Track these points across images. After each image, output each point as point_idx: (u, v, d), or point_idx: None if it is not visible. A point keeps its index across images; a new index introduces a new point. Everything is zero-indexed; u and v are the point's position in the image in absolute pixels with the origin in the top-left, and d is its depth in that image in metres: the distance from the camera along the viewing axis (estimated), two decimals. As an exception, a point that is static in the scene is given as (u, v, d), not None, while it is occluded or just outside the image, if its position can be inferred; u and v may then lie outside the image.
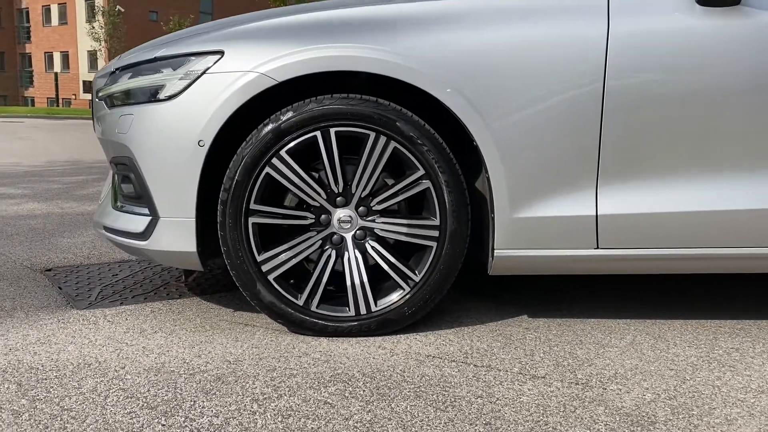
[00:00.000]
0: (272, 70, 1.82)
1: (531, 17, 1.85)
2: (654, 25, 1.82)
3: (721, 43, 1.81)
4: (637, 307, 2.23)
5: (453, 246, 1.91)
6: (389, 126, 1.85)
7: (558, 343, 1.92)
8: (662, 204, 1.87)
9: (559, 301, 2.30)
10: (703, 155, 1.85)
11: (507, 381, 1.65)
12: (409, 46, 1.82)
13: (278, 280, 1.94)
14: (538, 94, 1.83)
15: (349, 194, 1.92)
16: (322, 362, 1.77)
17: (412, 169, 1.88)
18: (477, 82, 1.82)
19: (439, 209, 1.90)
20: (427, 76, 1.81)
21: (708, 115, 1.83)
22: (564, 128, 1.84)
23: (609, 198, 1.87)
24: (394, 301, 1.94)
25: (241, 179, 1.87)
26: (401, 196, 1.91)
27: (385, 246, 1.95)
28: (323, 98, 1.85)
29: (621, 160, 1.85)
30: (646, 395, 1.58)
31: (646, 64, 1.82)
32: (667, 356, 1.82)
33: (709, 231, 1.89)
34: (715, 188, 1.85)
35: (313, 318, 1.95)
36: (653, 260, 1.93)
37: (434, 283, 1.93)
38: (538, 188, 1.86)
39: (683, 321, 2.10)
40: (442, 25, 1.84)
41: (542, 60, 1.82)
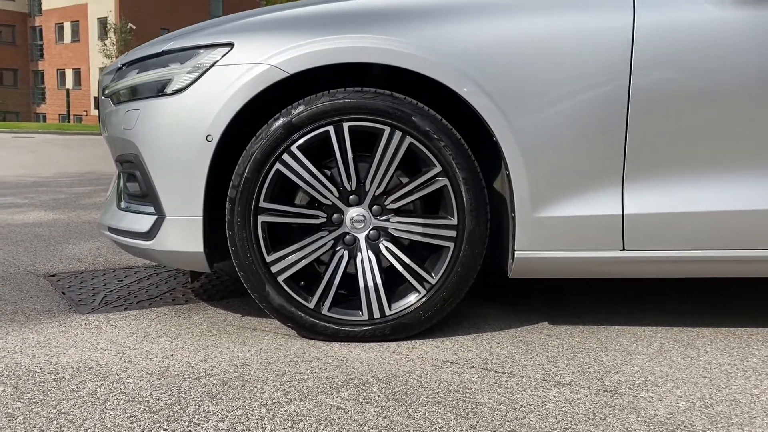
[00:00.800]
0: (283, 62, 1.76)
1: (553, 9, 1.78)
2: (682, 18, 1.74)
3: (754, 36, 1.73)
4: (661, 314, 2.13)
5: (471, 247, 1.82)
6: (405, 120, 1.77)
7: (582, 350, 1.82)
8: (692, 203, 1.77)
9: (579, 307, 2.20)
10: (735, 153, 1.76)
11: (531, 388, 1.56)
12: (425, 37, 1.75)
13: (288, 281, 1.86)
14: (562, 89, 1.75)
15: (362, 192, 1.85)
16: (334, 367, 1.68)
17: (429, 165, 1.80)
18: (497, 75, 1.74)
19: (456, 208, 1.81)
20: (445, 68, 1.74)
21: (739, 112, 1.74)
22: (588, 124, 1.75)
23: (636, 197, 1.78)
24: (409, 305, 1.85)
25: (251, 176, 1.80)
26: (417, 194, 1.83)
27: (400, 247, 1.87)
28: (336, 92, 1.78)
29: (648, 157, 1.76)
30: (680, 403, 1.48)
31: (673, 58, 1.74)
32: (699, 364, 1.72)
33: (740, 232, 1.79)
34: (750, 187, 1.76)
35: (324, 322, 1.86)
36: (682, 263, 1.84)
37: (451, 286, 1.84)
38: (560, 186, 1.78)
39: (713, 329, 2.00)
40: (460, 16, 1.78)
41: (565, 54, 1.74)
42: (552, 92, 1.75)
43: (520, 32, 1.76)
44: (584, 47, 1.74)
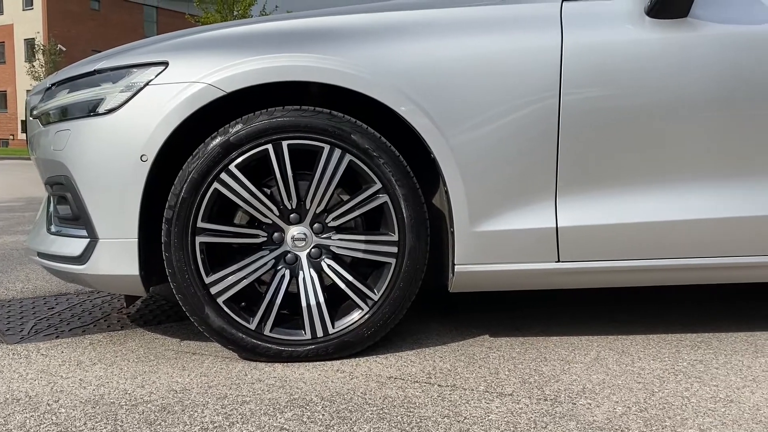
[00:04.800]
0: (220, 81, 1.74)
1: (486, 30, 1.83)
2: (606, 38, 1.82)
3: (670, 55, 1.82)
4: (597, 323, 2.19)
5: (413, 262, 1.84)
6: (344, 138, 1.78)
7: (522, 360, 1.85)
8: (621, 215, 1.85)
9: (519, 319, 2.25)
10: (659, 166, 1.84)
11: (474, 400, 1.57)
12: (363, 57, 1.77)
13: (228, 303, 1.83)
14: (496, 107, 1.80)
15: (303, 210, 1.84)
16: (277, 388, 1.65)
17: (369, 183, 1.82)
18: (434, 94, 1.78)
19: (397, 224, 1.83)
20: (383, 88, 1.76)
21: (661, 126, 1.83)
22: (522, 141, 1.81)
23: (568, 210, 1.84)
24: (352, 322, 1.85)
25: (188, 196, 1.77)
26: (358, 211, 1.84)
27: (342, 264, 1.87)
28: (274, 110, 1.78)
29: (579, 172, 1.83)
30: (616, 408, 1.52)
31: (599, 76, 1.81)
32: (633, 370, 1.78)
33: (669, 241, 1.87)
34: (673, 198, 1.85)
35: (266, 343, 1.84)
36: (615, 272, 1.90)
37: (394, 302, 1.85)
38: (497, 201, 1.82)
39: (645, 336, 2.07)
40: (398, 36, 1.81)
41: (498, 73, 1.80)
42: (487, 111, 1.80)
43: (456, 52, 1.80)
44: (515, 67, 1.79)
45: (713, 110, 1.83)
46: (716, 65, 1.82)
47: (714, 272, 1.94)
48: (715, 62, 1.82)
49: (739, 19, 1.84)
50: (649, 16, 1.81)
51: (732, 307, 2.37)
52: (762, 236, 1.88)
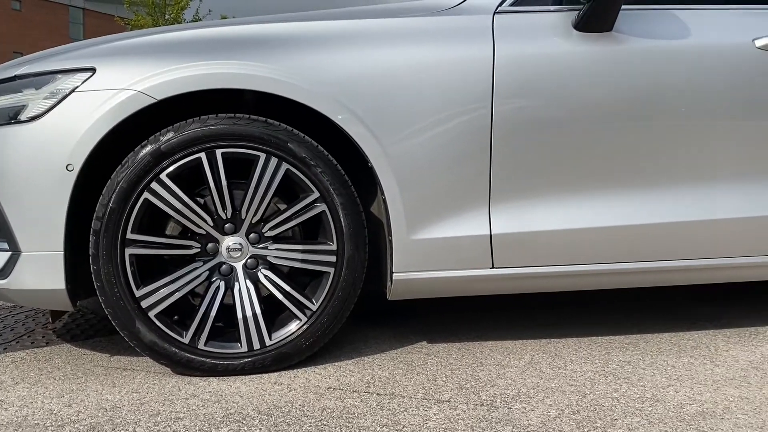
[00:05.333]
0: (150, 88, 1.70)
1: (421, 40, 1.85)
2: (535, 50, 1.88)
3: (596, 67, 1.89)
4: (532, 327, 2.24)
5: (351, 271, 1.83)
6: (280, 147, 1.76)
7: (459, 366, 1.88)
8: (553, 222, 1.90)
9: (456, 325, 2.28)
10: (587, 174, 1.91)
11: (412, 407, 1.58)
12: (299, 65, 1.76)
13: (160, 316, 1.78)
14: (431, 116, 1.82)
15: (238, 220, 1.81)
16: (212, 403, 1.62)
17: (306, 191, 1.80)
18: (371, 102, 1.79)
19: (335, 233, 1.82)
20: (319, 96, 1.76)
21: (589, 136, 1.90)
22: (456, 149, 1.83)
23: (501, 218, 1.88)
24: (290, 333, 1.83)
25: (117, 206, 1.71)
26: (295, 220, 1.82)
27: (279, 274, 1.84)
28: (207, 118, 1.74)
29: (511, 180, 1.87)
30: (550, 411, 1.56)
31: (529, 87, 1.86)
32: (566, 373, 1.83)
33: (599, 247, 1.94)
34: (602, 205, 1.91)
35: (201, 357, 1.79)
36: (547, 278, 1.95)
37: (333, 312, 1.84)
38: (434, 209, 1.84)
39: (576, 338, 2.13)
40: (335, 45, 1.81)
41: (433, 83, 1.82)
42: (422, 120, 1.82)
43: (392, 62, 1.82)
44: (449, 77, 1.82)
45: (636, 120, 1.91)
46: (638, 77, 1.90)
47: (638, 276, 2.02)
48: (637, 74, 1.90)
49: (659, 33, 1.93)
50: (577, 30, 1.88)
51: (657, 309, 2.47)
52: (686, 241, 1.97)
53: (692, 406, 1.60)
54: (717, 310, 2.42)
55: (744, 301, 2.54)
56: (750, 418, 1.53)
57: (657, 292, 2.66)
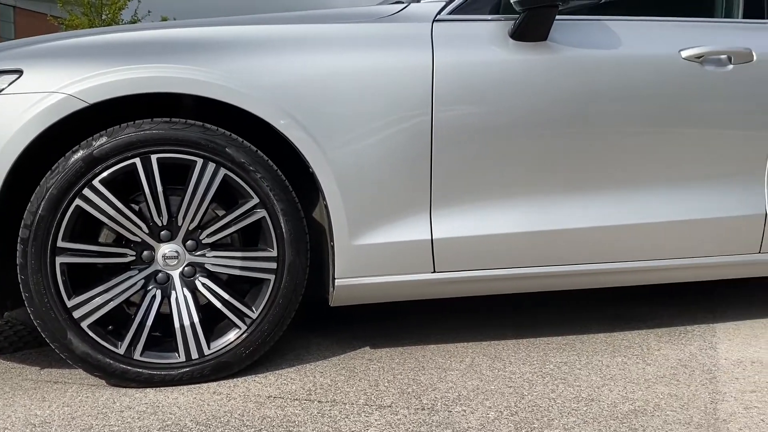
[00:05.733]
0: (82, 91, 1.64)
1: (362, 46, 1.86)
2: (473, 58, 1.91)
3: (531, 75, 1.93)
4: (472, 330, 2.27)
5: (292, 278, 1.82)
6: (218, 152, 1.73)
7: (401, 371, 1.88)
8: (492, 226, 1.93)
9: (399, 329, 2.29)
10: (525, 178, 1.95)
11: (353, 414, 1.58)
12: (238, 69, 1.74)
13: (94, 327, 1.72)
14: (372, 122, 1.83)
15: (175, 227, 1.77)
16: (148, 414, 1.57)
17: (246, 197, 1.78)
18: (312, 108, 1.78)
19: (276, 239, 1.80)
20: (259, 101, 1.74)
21: (525, 142, 1.94)
22: (397, 155, 1.84)
23: (442, 222, 1.90)
24: (230, 342, 1.80)
25: (46, 214, 1.65)
26: (234, 227, 1.79)
27: (218, 282, 1.81)
28: (142, 122, 1.70)
29: (451, 186, 1.90)
30: (489, 414, 1.59)
31: (468, 94, 1.89)
32: (505, 375, 1.86)
33: (538, 250, 1.98)
34: (540, 209, 1.96)
35: (136, 367, 1.74)
36: (487, 281, 1.99)
37: (273, 319, 1.82)
38: (376, 214, 1.85)
39: (515, 340, 2.17)
40: (275, 49, 1.79)
41: (373, 89, 1.83)
42: (363, 125, 1.82)
43: (333, 68, 1.81)
44: (390, 83, 1.83)
45: (571, 127, 1.96)
46: (572, 85, 1.95)
47: (575, 279, 2.08)
48: (571, 82, 1.95)
49: (592, 43, 1.99)
50: (513, 39, 1.92)
51: (593, 310, 2.54)
52: (620, 244, 2.04)
53: (625, 404, 1.65)
54: (649, 311, 2.51)
55: (674, 302, 2.64)
56: (678, 415, 1.59)
57: (593, 293, 2.73)
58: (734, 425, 1.54)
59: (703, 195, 2.10)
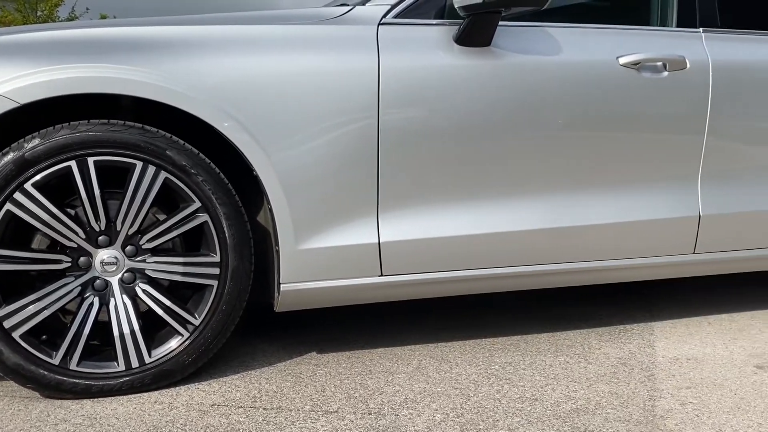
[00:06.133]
0: (13, 91, 1.57)
1: (307, 48, 1.84)
2: (419, 62, 1.91)
3: (475, 80, 1.95)
4: (421, 332, 2.28)
5: (236, 283, 1.78)
6: (158, 155, 1.69)
7: (348, 375, 1.87)
8: (438, 229, 1.94)
9: (347, 333, 2.28)
10: (470, 182, 1.97)
11: (299, 420, 1.56)
12: (177, 70, 1.69)
13: (26, 337, 1.65)
14: (318, 125, 1.81)
15: (113, 232, 1.71)
16: (85, 427, 1.51)
17: (187, 201, 1.74)
18: (255, 110, 1.75)
19: (219, 244, 1.76)
20: (201, 102, 1.70)
21: (469, 146, 1.96)
22: (344, 158, 1.83)
23: (390, 226, 1.90)
24: (171, 350, 1.75)
25: (-26, 219, 1.57)
26: (175, 231, 1.75)
27: (159, 288, 1.76)
28: (78, 124, 1.64)
29: (398, 188, 1.90)
30: (436, 416, 1.59)
31: (413, 98, 1.90)
32: (451, 376, 1.87)
33: (484, 252, 2.00)
34: (486, 212, 1.98)
35: (73, 378, 1.68)
36: (434, 284, 2.00)
37: (217, 326, 1.78)
38: (322, 218, 1.83)
39: (462, 341, 2.19)
40: (216, 51, 1.75)
41: (319, 91, 1.81)
42: (309, 128, 1.80)
43: (277, 69, 1.79)
44: (336, 86, 1.82)
45: (514, 131, 1.99)
46: (515, 90, 1.98)
47: (520, 280, 2.11)
48: (513, 87, 1.98)
49: (534, 49, 2.02)
50: (458, 44, 1.94)
51: (537, 310, 2.59)
52: (564, 245, 2.08)
53: (568, 403, 1.68)
54: (590, 310, 2.58)
55: (613, 301, 2.72)
56: (619, 412, 1.63)
57: (537, 294, 2.79)
58: (671, 421, 1.59)
59: (640, 197, 2.17)
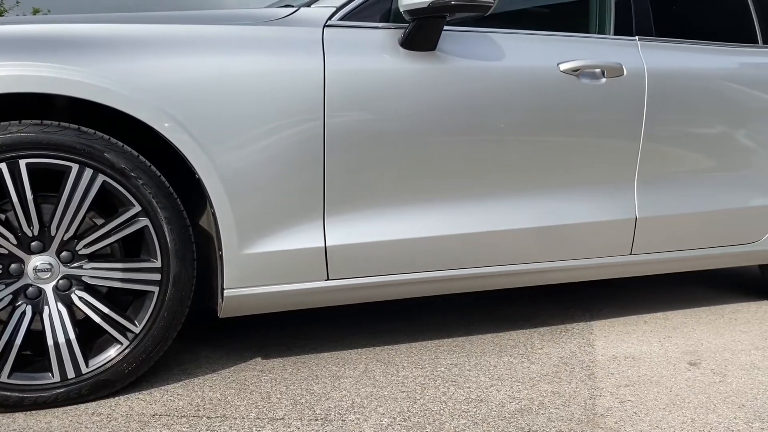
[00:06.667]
0: (-62, 90, 1.49)
1: (251, 49, 1.81)
2: (365, 65, 1.91)
3: (421, 83, 1.96)
4: (367, 335, 2.28)
5: (178, 289, 1.74)
6: (96, 157, 1.63)
7: (294, 381, 1.85)
8: (384, 232, 1.95)
9: (292, 338, 2.25)
10: (416, 185, 1.98)
11: (244, 428, 1.53)
12: (116, 70, 1.64)
13: (-48, 349, 1.56)
14: (262, 127, 1.78)
15: (47, 238, 1.64)
16: (16, 443, 1.45)
17: (127, 205, 1.68)
18: (197, 111, 1.71)
19: (160, 249, 1.72)
20: (140, 103, 1.65)
21: (415, 149, 1.97)
22: (289, 161, 1.81)
23: (336, 229, 1.89)
24: (110, 359, 1.69)
25: None
26: (114, 236, 1.69)
27: (97, 296, 1.70)
28: (8, 124, 1.56)
29: (345, 192, 1.89)
30: (383, 420, 1.59)
31: (359, 101, 1.89)
32: (398, 380, 1.88)
33: (430, 256, 2.02)
34: (426, 216, 1.99)
35: (3, 390, 1.60)
36: (380, 287, 2.00)
37: (158, 333, 1.73)
38: (266, 222, 1.81)
39: (408, 344, 2.20)
40: (157, 50, 1.71)
41: (263, 93, 1.79)
42: (253, 130, 1.77)
43: (219, 70, 1.75)
44: (280, 87, 1.80)
45: (458, 135, 2.01)
46: (459, 94, 2.00)
47: (463, 282, 2.13)
48: (458, 92, 2.00)
49: (479, 54, 2.05)
50: (403, 48, 1.94)
51: (481, 310, 2.63)
52: (502, 248, 2.12)
53: (512, 403, 1.71)
54: (532, 310, 2.63)
55: (554, 301, 2.79)
56: (561, 412, 1.67)
57: (481, 294, 2.83)
58: (610, 419, 1.64)
59: (579, 200, 2.23)
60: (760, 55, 2.68)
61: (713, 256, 2.57)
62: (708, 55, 2.52)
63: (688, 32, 2.55)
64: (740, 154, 2.54)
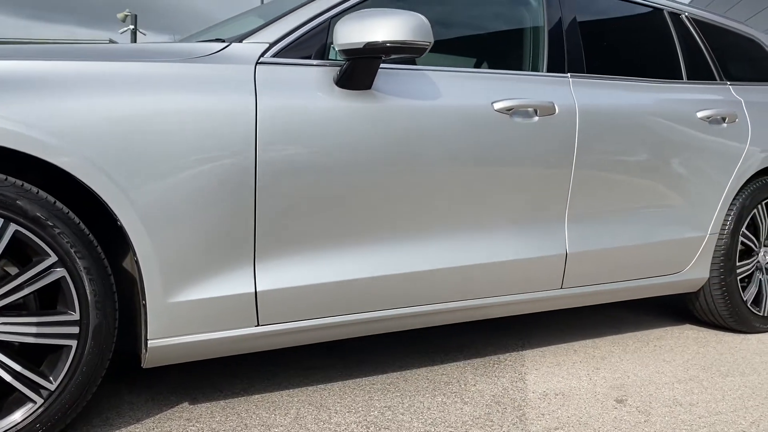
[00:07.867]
0: None
1: (177, 86, 1.73)
2: (299, 103, 1.86)
3: (356, 122, 1.93)
4: (298, 374, 2.24)
5: (98, 342, 1.65)
6: (7, 205, 1.52)
7: (222, 431, 1.79)
8: (316, 275, 1.91)
9: (221, 378, 2.18)
10: (350, 226, 1.95)
11: (168, 495, 1.47)
12: (26, 111, 1.53)
13: None
14: (188, 169, 1.71)
15: (-48, 292, 1.53)
16: None
17: (42, 255, 1.58)
18: (117, 155, 1.62)
19: (78, 301, 1.62)
20: (54, 147, 1.55)
21: (351, 190, 1.93)
22: (217, 204, 1.75)
23: (267, 273, 1.84)
24: (22, 419, 1.58)
25: None
26: (28, 288, 1.58)
27: (7, 351, 1.59)
28: None
29: (276, 235, 1.84)
30: (314, 478, 1.56)
31: (293, 140, 1.84)
32: (330, 427, 1.84)
33: (363, 297, 1.99)
34: (364, 256, 1.97)
35: None
36: (311, 331, 1.96)
37: (76, 389, 1.64)
38: (193, 269, 1.74)
39: (341, 382, 2.17)
40: (73, 89, 1.60)
41: (189, 133, 1.71)
42: (178, 173, 1.70)
43: (141, 109, 1.66)
44: (209, 128, 1.73)
45: (394, 174, 1.99)
46: (394, 133, 1.98)
47: (397, 321, 2.12)
48: (393, 130, 1.98)
49: (414, 93, 2.03)
50: (338, 86, 1.91)
51: (414, 341, 2.63)
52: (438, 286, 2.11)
53: (444, 453, 1.71)
54: (466, 340, 2.65)
55: (489, 329, 2.81)
56: (492, 461, 1.68)
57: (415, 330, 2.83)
58: (540, 469, 1.65)
59: (511, 237, 2.25)
60: (685, 91, 2.78)
61: (642, 287, 2.66)
62: (636, 93, 2.59)
63: (619, 68, 2.62)
64: (667, 187, 2.63)
